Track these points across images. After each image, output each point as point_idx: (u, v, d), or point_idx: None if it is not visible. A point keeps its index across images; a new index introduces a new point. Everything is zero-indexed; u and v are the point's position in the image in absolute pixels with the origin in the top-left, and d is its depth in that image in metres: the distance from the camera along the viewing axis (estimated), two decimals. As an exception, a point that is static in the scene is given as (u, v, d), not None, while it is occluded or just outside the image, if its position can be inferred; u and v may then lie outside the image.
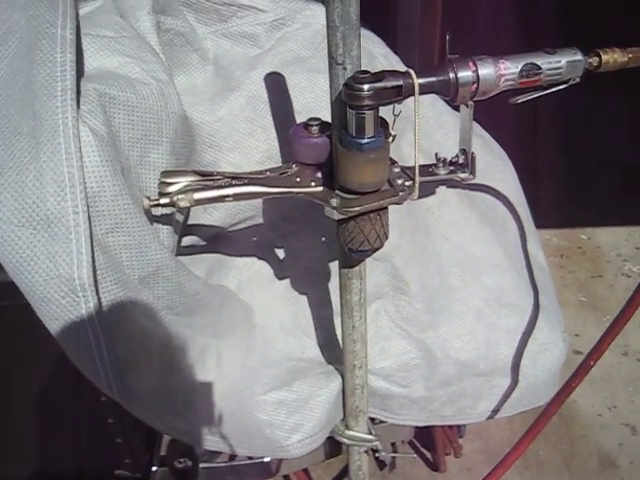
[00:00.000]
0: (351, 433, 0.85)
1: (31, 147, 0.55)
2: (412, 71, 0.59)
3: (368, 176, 0.62)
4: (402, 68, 0.93)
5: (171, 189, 0.66)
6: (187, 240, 0.84)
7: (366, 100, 0.58)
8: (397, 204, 0.64)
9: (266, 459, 0.93)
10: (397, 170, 0.66)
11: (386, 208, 0.65)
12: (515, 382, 0.96)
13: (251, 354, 0.85)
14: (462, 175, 0.66)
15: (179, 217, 0.73)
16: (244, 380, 0.82)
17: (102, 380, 0.58)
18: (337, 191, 0.64)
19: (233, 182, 0.65)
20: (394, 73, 0.59)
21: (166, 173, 0.66)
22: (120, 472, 0.80)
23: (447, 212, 0.94)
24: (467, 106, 0.62)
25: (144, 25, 0.75)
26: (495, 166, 0.98)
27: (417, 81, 0.59)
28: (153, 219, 0.68)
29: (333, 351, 0.88)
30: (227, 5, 0.82)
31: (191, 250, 0.84)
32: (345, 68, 0.60)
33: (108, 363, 0.57)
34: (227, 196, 0.64)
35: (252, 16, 0.84)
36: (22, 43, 0.58)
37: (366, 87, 0.57)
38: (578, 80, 0.64)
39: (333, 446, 0.96)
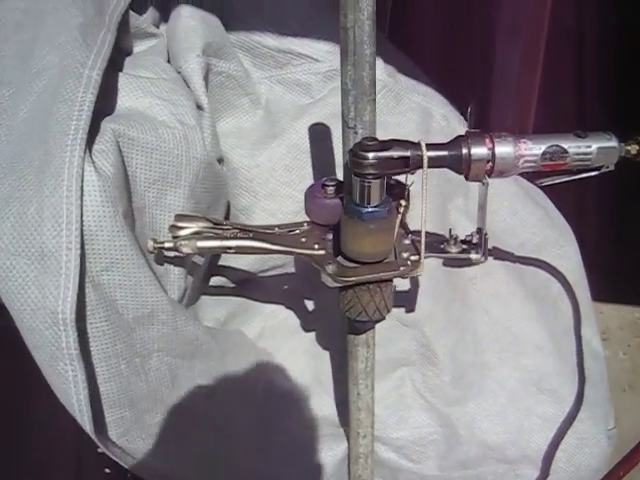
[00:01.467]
0: (352, 502, 0.82)
1: (38, 181, 0.57)
2: (423, 143, 0.57)
3: (367, 246, 0.60)
4: (463, 130, 0.90)
5: (181, 233, 0.66)
6: (216, 280, 0.84)
7: (369, 169, 0.56)
8: (401, 278, 0.61)
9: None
10: (407, 242, 0.63)
11: (389, 281, 0.62)
12: (544, 475, 0.89)
13: (266, 402, 0.84)
14: (474, 256, 0.62)
15: (199, 260, 0.74)
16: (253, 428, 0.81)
17: (77, 414, 0.59)
18: (339, 257, 0.62)
19: (238, 234, 0.64)
20: (403, 143, 0.57)
21: (180, 217, 0.67)
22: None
23: (491, 285, 0.89)
24: (482, 184, 0.58)
25: (191, 67, 0.77)
26: (554, 241, 0.92)
27: (427, 154, 0.56)
28: (164, 260, 0.68)
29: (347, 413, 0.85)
30: (283, 52, 0.83)
31: (218, 291, 0.84)
32: (356, 132, 0.59)
33: (83, 398, 0.58)
34: (229, 247, 0.64)
35: (307, 65, 0.84)
36: (51, 81, 0.61)
37: (370, 155, 0.55)
38: (612, 168, 0.59)
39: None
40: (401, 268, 0.60)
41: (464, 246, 0.63)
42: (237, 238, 0.64)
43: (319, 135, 0.81)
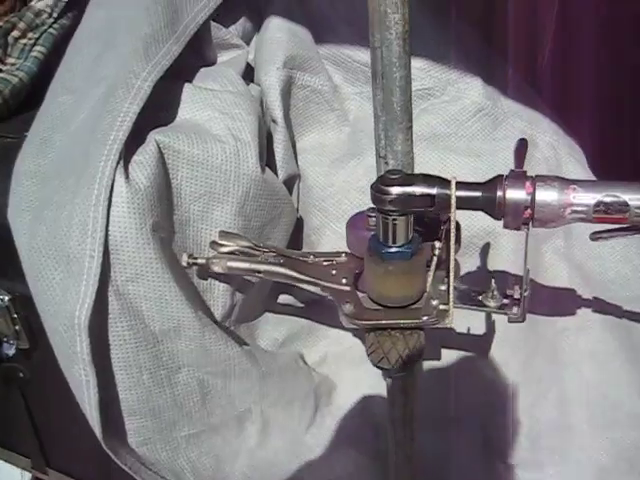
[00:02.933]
0: None
1: (74, 187, 0.59)
2: (454, 181, 0.50)
3: (387, 289, 0.54)
4: (574, 163, 0.81)
5: (221, 250, 0.65)
6: (284, 298, 0.82)
7: (388, 205, 0.51)
8: (418, 329, 0.55)
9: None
10: (443, 288, 0.57)
11: (416, 329, 0.56)
12: None
13: (313, 430, 0.81)
14: (512, 313, 0.54)
15: (252, 277, 0.72)
16: (292, 455, 0.78)
17: (88, 416, 0.60)
18: (362, 297, 0.57)
19: (270, 259, 0.62)
20: (430, 179, 0.51)
21: (223, 234, 0.66)
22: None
23: (586, 340, 0.78)
24: (527, 231, 0.51)
25: (270, 80, 0.75)
26: (675, 298, 0.79)
27: (455, 193, 0.50)
28: (208, 275, 0.68)
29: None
30: (374, 69, 0.79)
31: (284, 309, 0.82)
32: (387, 163, 0.54)
33: (93, 403, 0.59)
34: (258, 271, 0.62)
35: (397, 82, 0.79)
36: (107, 90, 0.62)
37: (391, 190, 0.50)
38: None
39: None
40: (424, 317, 0.54)
41: (505, 301, 0.55)
42: (267, 263, 0.61)
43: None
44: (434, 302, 0.55)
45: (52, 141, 0.64)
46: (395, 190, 0.50)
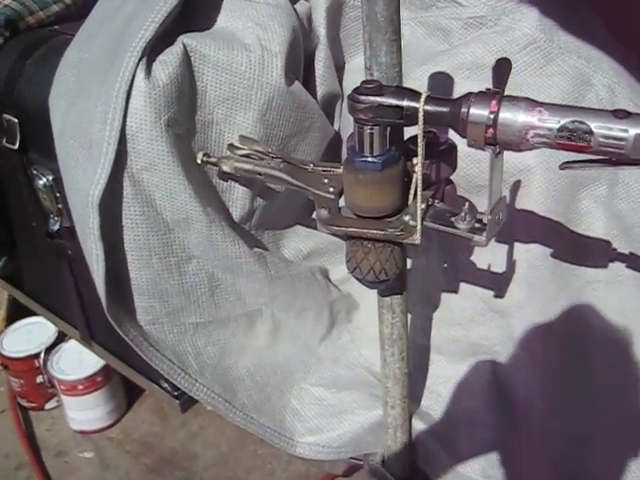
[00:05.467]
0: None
1: (103, 79, 0.64)
2: (424, 94, 0.50)
3: (359, 198, 0.56)
4: (632, 108, 0.76)
5: (238, 153, 0.69)
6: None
7: (360, 114, 0.52)
8: (391, 243, 0.56)
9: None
10: (423, 206, 0.57)
11: (389, 242, 0.57)
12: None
13: (326, 343, 0.84)
14: (476, 238, 0.53)
15: (276, 186, 0.75)
16: (299, 363, 0.82)
17: (97, 288, 0.67)
18: (342, 207, 0.59)
19: (271, 162, 0.65)
20: (402, 91, 0.51)
21: (242, 138, 0.70)
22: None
23: (615, 296, 0.75)
24: (492, 153, 0.50)
25: (319, -4, 0.77)
26: None
27: (423, 106, 0.50)
28: (228, 177, 0.71)
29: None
30: (429, -8, 0.77)
31: (314, 223, 0.85)
32: (372, 74, 0.54)
33: (101, 275, 0.65)
34: (259, 173, 0.65)
35: (450, 9, 0.77)
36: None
37: (362, 99, 0.51)
38: (662, 166, 0.45)
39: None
40: (389, 230, 0.55)
41: (477, 225, 0.54)
42: (268, 166, 0.64)
43: (437, 84, 0.75)
44: (406, 217, 0.56)
45: (96, 37, 0.70)
46: (366, 99, 0.51)
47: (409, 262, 0.84)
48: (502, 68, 0.50)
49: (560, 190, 0.74)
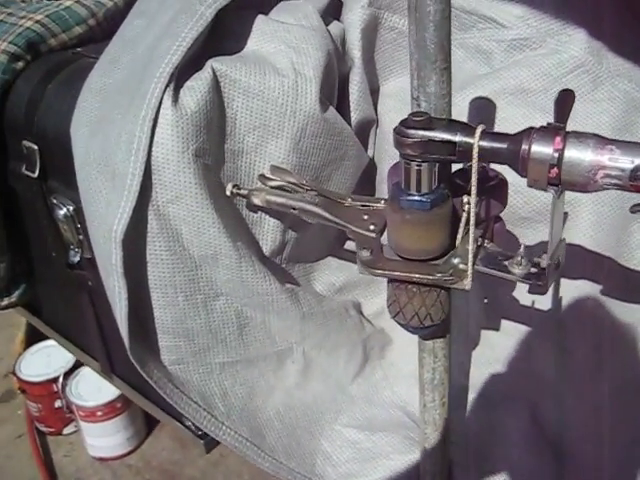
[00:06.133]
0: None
1: (127, 106, 0.61)
2: (479, 128, 0.46)
3: (403, 239, 0.52)
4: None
5: (269, 184, 0.65)
6: (350, 244, 0.81)
7: (407, 149, 0.48)
8: (438, 287, 0.51)
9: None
10: (472, 248, 0.52)
11: (435, 286, 0.53)
12: None
13: (359, 381, 0.80)
14: (535, 284, 0.49)
15: (309, 217, 0.71)
16: (331, 402, 0.77)
17: (119, 326, 0.63)
18: (384, 247, 0.54)
19: (306, 196, 0.61)
20: (454, 125, 0.47)
21: (275, 168, 0.66)
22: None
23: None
24: (554, 194, 0.45)
25: (352, 18, 0.73)
26: None
27: (478, 142, 0.45)
28: (258, 209, 0.67)
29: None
30: (469, 13, 0.73)
31: (348, 255, 0.81)
32: (419, 105, 0.50)
33: (123, 313, 0.62)
34: (293, 208, 0.61)
35: (491, 30, 0.73)
36: (173, 15, 0.63)
37: (410, 133, 0.47)
38: None
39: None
40: (437, 274, 0.51)
41: (533, 269, 0.50)
42: (303, 200, 0.60)
43: (479, 110, 0.71)
44: (455, 260, 0.52)
45: (120, 62, 0.66)
46: (415, 134, 0.47)
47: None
48: (565, 100, 0.46)
49: (610, 223, 0.69)
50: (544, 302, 0.72)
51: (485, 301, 0.76)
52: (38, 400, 1.27)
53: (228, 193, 0.64)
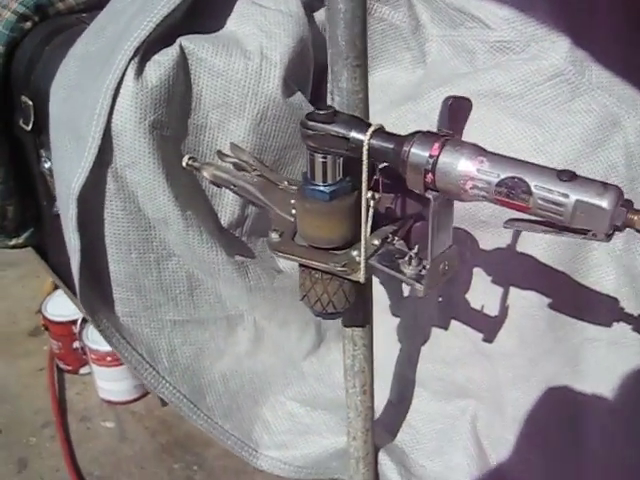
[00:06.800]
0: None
1: (97, 74, 0.65)
2: (373, 126, 0.47)
3: (305, 227, 0.54)
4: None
5: (225, 160, 0.68)
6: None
7: (308, 140, 0.50)
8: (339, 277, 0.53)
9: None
10: (376, 242, 0.54)
11: (336, 275, 0.55)
12: None
13: (312, 359, 0.83)
14: (417, 286, 0.50)
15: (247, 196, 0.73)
16: (280, 375, 0.81)
17: (74, 277, 0.68)
18: (296, 233, 0.57)
19: (246, 175, 0.64)
20: (352, 121, 0.48)
21: (234, 146, 0.69)
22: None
23: (617, 357, 0.69)
24: (432, 201, 0.46)
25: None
26: None
27: (368, 140, 0.47)
28: (220, 183, 0.71)
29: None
30: (458, 11, 0.74)
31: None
32: (333, 99, 0.52)
33: (76, 266, 0.67)
34: (234, 185, 0.64)
35: (477, 30, 0.73)
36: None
37: (310, 124, 0.49)
38: (604, 238, 0.41)
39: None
40: (331, 263, 0.53)
41: (423, 272, 0.50)
42: (244, 179, 0.63)
43: (456, 110, 0.71)
44: (354, 252, 0.53)
45: (105, 31, 0.71)
46: (315, 126, 0.49)
47: (406, 289, 0.81)
48: (462, 108, 0.47)
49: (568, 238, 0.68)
50: (492, 308, 0.72)
51: (439, 299, 0.77)
52: (59, 339, 1.36)
53: (184, 164, 0.68)
